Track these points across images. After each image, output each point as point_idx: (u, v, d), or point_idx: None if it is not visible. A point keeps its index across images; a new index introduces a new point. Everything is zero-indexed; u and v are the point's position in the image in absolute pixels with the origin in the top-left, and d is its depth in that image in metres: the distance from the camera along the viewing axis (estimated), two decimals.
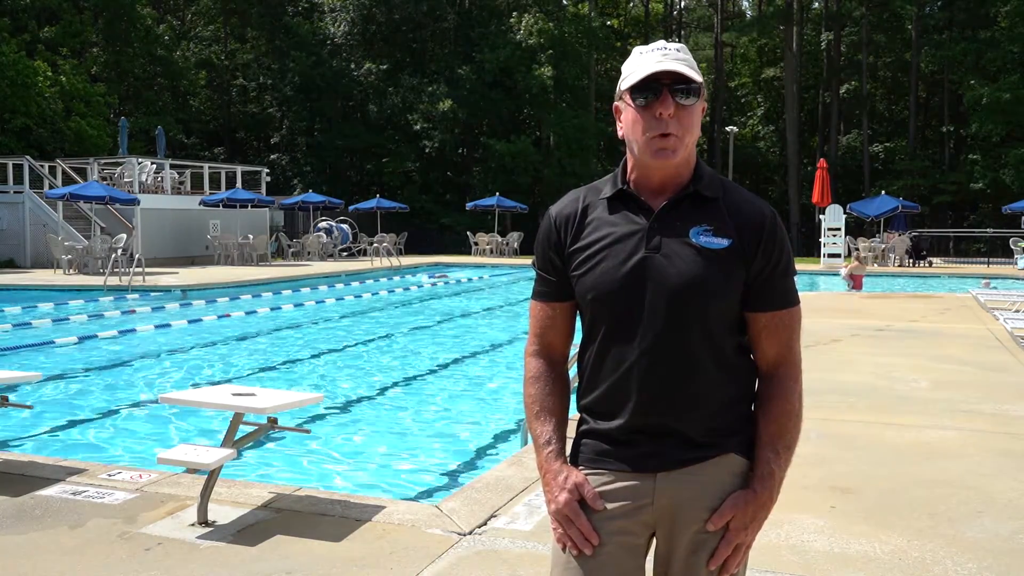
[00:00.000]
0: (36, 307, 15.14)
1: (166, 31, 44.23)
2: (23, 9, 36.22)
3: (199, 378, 9.55)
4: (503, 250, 31.18)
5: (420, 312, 16.35)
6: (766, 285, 1.88)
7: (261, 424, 4.53)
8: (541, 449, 1.94)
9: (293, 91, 42.75)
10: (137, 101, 41.97)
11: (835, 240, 26.22)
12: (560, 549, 1.91)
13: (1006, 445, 5.62)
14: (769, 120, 50.27)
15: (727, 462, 1.88)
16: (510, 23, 41.84)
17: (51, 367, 9.80)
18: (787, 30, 44.15)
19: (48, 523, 4.19)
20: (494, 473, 5.00)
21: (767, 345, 1.91)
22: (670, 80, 1.82)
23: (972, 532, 4.06)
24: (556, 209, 1.98)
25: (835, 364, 8.59)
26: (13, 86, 30.01)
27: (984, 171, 38.04)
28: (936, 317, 12.72)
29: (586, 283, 1.89)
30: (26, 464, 5.18)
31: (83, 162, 28.15)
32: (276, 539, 3.98)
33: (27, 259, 24.66)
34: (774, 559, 3.69)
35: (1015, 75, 36.64)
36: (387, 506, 4.45)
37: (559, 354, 2.02)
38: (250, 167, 33.25)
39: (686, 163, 1.89)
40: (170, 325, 13.34)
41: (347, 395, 8.77)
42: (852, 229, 28.96)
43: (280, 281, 20.69)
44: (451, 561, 3.71)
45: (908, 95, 45.55)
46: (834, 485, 4.73)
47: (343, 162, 43.74)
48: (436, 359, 10.96)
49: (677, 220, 1.87)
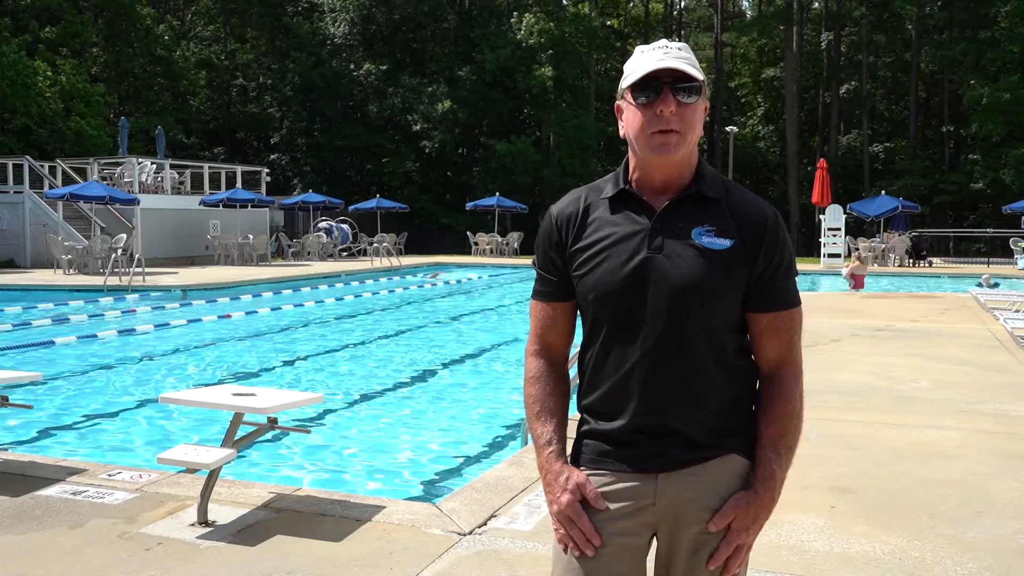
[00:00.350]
0: (36, 307, 15.13)
1: (166, 31, 44.24)
2: (23, 9, 36.20)
3: (199, 378, 9.55)
4: (503, 250, 31.19)
5: (420, 312, 16.35)
6: (768, 286, 1.88)
7: (261, 424, 4.53)
8: (542, 449, 1.93)
9: (293, 91, 42.74)
10: (137, 101, 41.98)
11: (835, 240, 26.22)
12: (562, 550, 1.91)
13: (1006, 445, 5.62)
14: (769, 120, 50.28)
15: (729, 463, 1.87)
16: (510, 23, 41.83)
17: (51, 367, 9.80)
18: (787, 30, 44.16)
19: (48, 523, 4.19)
20: (494, 473, 5.00)
21: (768, 346, 1.90)
22: (671, 78, 1.82)
23: (972, 532, 4.06)
24: (557, 209, 1.98)
25: (835, 364, 8.58)
26: (13, 86, 30.00)
27: (984, 171, 38.04)
28: (936, 317, 12.72)
29: (588, 283, 1.88)
30: (26, 464, 5.18)
31: (83, 162, 28.15)
32: (276, 539, 3.98)
33: (27, 259, 24.65)
34: (774, 559, 3.69)
35: (1015, 75, 36.64)
36: (387, 506, 4.45)
37: (560, 354, 2.02)
38: (250, 167, 33.24)
39: (688, 162, 1.89)
40: (170, 325, 13.33)
41: (347, 395, 8.77)
42: (852, 229, 28.95)
43: (280, 281, 20.69)
44: (451, 561, 3.71)
45: (908, 95, 45.57)
46: (834, 485, 4.73)
47: (343, 162, 43.73)
48: (436, 359, 10.96)
49: (679, 220, 1.86)
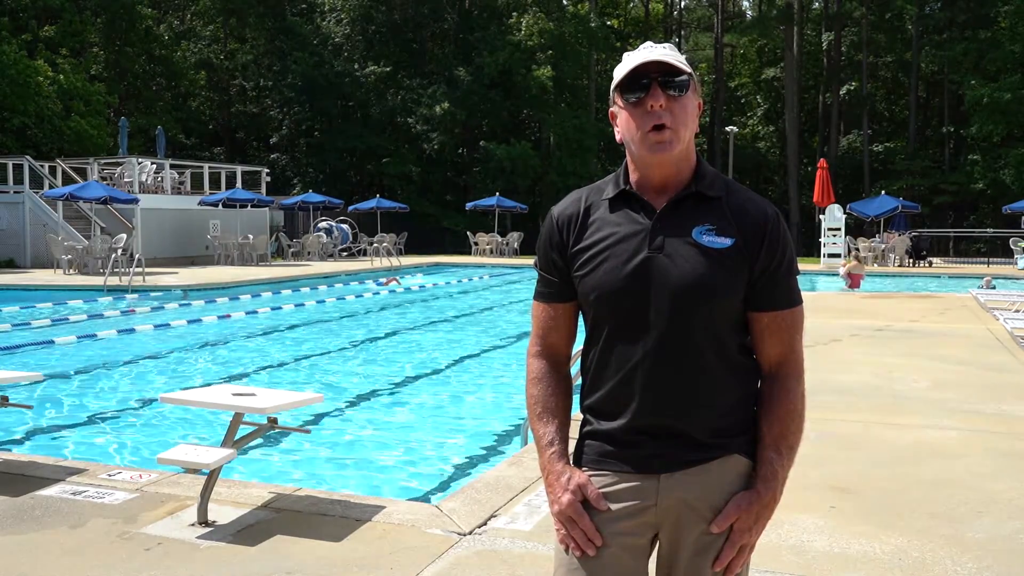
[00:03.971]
0: (36, 307, 15.13)
1: (166, 31, 44.23)
2: (23, 9, 36.19)
3: (199, 378, 9.55)
4: (503, 250, 31.20)
5: (420, 312, 16.35)
6: (769, 285, 1.87)
7: (261, 424, 4.53)
8: (544, 450, 1.93)
9: (294, 92, 42.74)
10: (137, 101, 41.97)
11: (835, 240, 26.23)
12: (563, 550, 1.90)
13: (1006, 445, 5.62)
14: (769, 120, 50.28)
15: (731, 463, 1.87)
16: (509, 23, 41.81)
17: (51, 367, 9.79)
18: (787, 30, 44.16)
19: (48, 523, 4.18)
20: (494, 473, 5.00)
21: (770, 345, 1.90)
22: (658, 72, 1.82)
23: (972, 532, 4.06)
24: (558, 209, 1.97)
25: (835, 364, 8.58)
26: (13, 85, 29.99)
27: (984, 171, 38.04)
28: (936, 317, 12.72)
29: (589, 283, 1.88)
30: (26, 464, 5.17)
31: (83, 162, 28.15)
32: (276, 539, 3.98)
33: (27, 259, 24.64)
34: (774, 559, 3.69)
35: (1016, 75, 36.64)
36: (387, 506, 4.45)
37: (562, 355, 2.02)
38: (250, 167, 33.23)
39: (686, 160, 1.89)
40: (170, 325, 13.33)
41: (347, 395, 8.76)
42: (852, 229, 28.96)
43: (280, 281, 20.68)
44: (451, 561, 3.71)
45: (908, 95, 45.58)
46: (834, 485, 4.73)
47: (343, 162, 43.74)
48: (436, 359, 10.96)
49: (680, 220, 1.86)
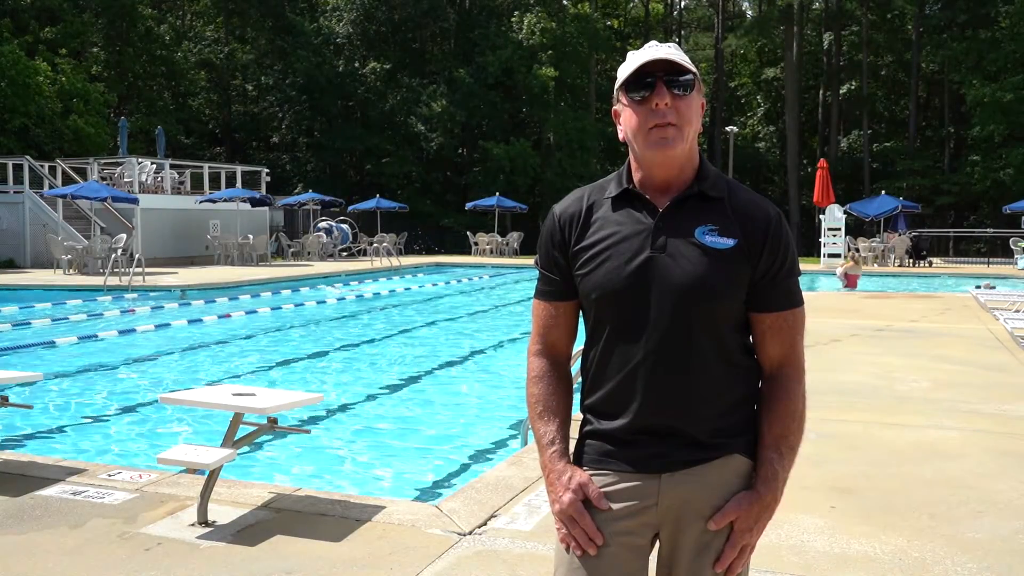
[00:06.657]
0: (36, 307, 15.13)
1: (166, 31, 44.21)
2: (23, 9, 36.18)
3: (199, 378, 9.55)
4: (503, 250, 31.19)
5: (420, 312, 16.35)
6: (771, 285, 1.87)
7: (261, 424, 4.53)
8: (545, 449, 1.92)
9: (295, 91, 42.73)
10: (137, 101, 41.95)
11: (835, 240, 26.23)
12: (564, 549, 1.90)
13: (1006, 445, 5.62)
14: (769, 120, 50.28)
15: (732, 463, 1.87)
16: (510, 23, 41.80)
17: (51, 367, 9.79)
18: (787, 30, 44.15)
19: (48, 523, 4.18)
20: (494, 473, 5.00)
21: (771, 345, 1.90)
22: (663, 70, 1.82)
23: (972, 532, 4.06)
24: (560, 208, 1.97)
25: (835, 364, 8.58)
26: (13, 85, 29.99)
27: (985, 171, 38.03)
28: (936, 317, 12.72)
29: (590, 282, 1.88)
30: (26, 464, 5.17)
31: (83, 162, 28.14)
32: (276, 539, 3.98)
33: (27, 259, 24.63)
34: (774, 559, 3.68)
35: (1016, 75, 36.62)
36: (387, 506, 4.45)
37: (562, 354, 2.01)
38: (250, 167, 33.23)
39: (689, 160, 1.89)
40: (170, 325, 13.33)
41: (347, 395, 8.76)
42: (852, 229, 28.96)
43: (280, 281, 20.67)
44: (451, 561, 3.71)
45: (908, 95, 45.56)
46: (834, 485, 4.73)
47: (343, 162, 43.72)
48: (436, 359, 10.96)
49: (682, 219, 1.86)
